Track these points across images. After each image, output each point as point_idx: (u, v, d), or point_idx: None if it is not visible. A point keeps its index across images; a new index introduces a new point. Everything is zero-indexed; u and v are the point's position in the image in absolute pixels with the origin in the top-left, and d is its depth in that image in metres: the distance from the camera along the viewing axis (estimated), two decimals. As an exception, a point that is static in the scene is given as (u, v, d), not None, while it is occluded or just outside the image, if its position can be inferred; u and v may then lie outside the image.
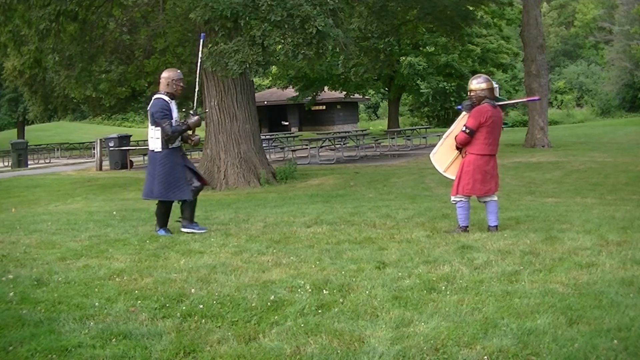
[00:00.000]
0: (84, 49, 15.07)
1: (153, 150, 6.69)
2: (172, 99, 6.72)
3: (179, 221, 6.98)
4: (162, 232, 6.81)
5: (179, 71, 6.93)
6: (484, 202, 6.48)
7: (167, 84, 6.65)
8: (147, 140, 7.09)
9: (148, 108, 6.76)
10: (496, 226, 6.42)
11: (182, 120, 6.83)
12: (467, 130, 6.22)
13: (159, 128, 6.59)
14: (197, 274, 4.89)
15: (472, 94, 6.35)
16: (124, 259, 5.53)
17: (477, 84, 6.35)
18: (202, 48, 7.43)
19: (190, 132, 6.88)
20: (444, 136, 6.67)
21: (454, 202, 6.44)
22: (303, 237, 6.35)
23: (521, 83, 38.68)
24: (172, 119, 6.61)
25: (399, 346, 3.27)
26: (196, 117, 6.74)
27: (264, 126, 41.72)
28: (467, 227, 6.40)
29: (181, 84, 6.74)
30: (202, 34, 7.87)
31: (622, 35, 46.18)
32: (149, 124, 6.73)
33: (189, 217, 6.91)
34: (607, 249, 5.28)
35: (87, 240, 6.62)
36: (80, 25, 14.62)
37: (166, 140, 6.61)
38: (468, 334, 3.39)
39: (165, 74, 6.75)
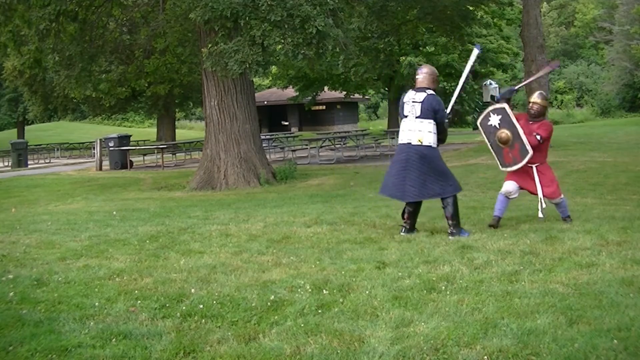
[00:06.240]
0: (84, 49, 15.08)
1: (429, 146, 6.22)
2: None
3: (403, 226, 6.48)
4: (465, 235, 6.17)
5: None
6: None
7: (433, 80, 6.38)
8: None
9: (420, 101, 6.22)
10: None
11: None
12: (541, 140, 6.60)
13: (432, 122, 6.22)
14: (197, 274, 4.89)
15: (536, 107, 6.78)
16: (124, 259, 5.53)
17: (542, 98, 6.86)
18: (472, 62, 6.94)
19: None
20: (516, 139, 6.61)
21: (561, 199, 6.75)
22: (303, 237, 6.34)
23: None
24: None
25: (399, 346, 3.27)
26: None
27: (264, 126, 41.74)
28: None
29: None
30: (477, 45, 7.22)
31: (622, 35, 46.14)
32: (421, 118, 6.21)
33: (414, 221, 6.51)
34: (607, 249, 5.27)
35: (87, 240, 6.62)
36: (80, 25, 14.64)
37: (442, 138, 6.45)
38: (468, 334, 3.39)
39: (429, 70, 6.45)
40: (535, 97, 6.87)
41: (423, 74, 6.43)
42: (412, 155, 6.24)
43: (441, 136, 6.43)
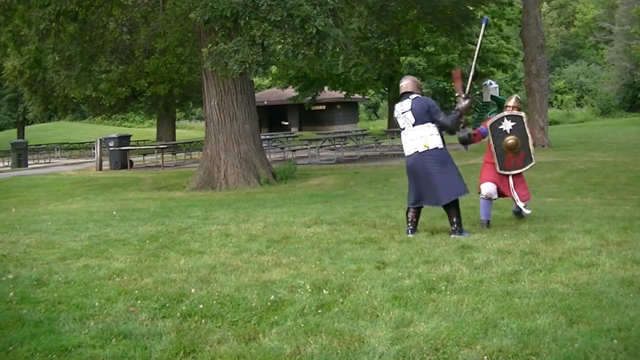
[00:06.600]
0: (84, 49, 15.08)
1: (436, 148, 6.27)
2: None
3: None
4: (465, 235, 6.16)
5: None
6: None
7: (417, 87, 6.60)
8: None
9: (409, 108, 6.33)
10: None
11: (455, 109, 6.59)
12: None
13: (430, 124, 6.29)
14: (197, 274, 4.89)
15: (515, 111, 6.95)
16: (124, 259, 5.53)
17: (518, 102, 7.04)
18: (483, 32, 6.99)
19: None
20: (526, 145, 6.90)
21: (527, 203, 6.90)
22: (303, 237, 6.34)
23: (521, 83, 38.66)
24: None
25: (399, 346, 3.27)
26: (467, 101, 6.53)
27: (264, 126, 41.75)
28: None
29: None
30: (485, 18, 7.23)
31: (622, 35, 46.14)
32: (418, 124, 6.28)
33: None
34: (607, 249, 5.28)
35: (87, 240, 6.62)
36: (80, 25, 14.64)
37: (451, 131, 6.57)
38: (468, 334, 3.39)
39: (412, 78, 6.73)
40: (513, 102, 7.03)
41: (407, 82, 6.63)
42: (427, 161, 6.28)
43: (450, 129, 6.45)
